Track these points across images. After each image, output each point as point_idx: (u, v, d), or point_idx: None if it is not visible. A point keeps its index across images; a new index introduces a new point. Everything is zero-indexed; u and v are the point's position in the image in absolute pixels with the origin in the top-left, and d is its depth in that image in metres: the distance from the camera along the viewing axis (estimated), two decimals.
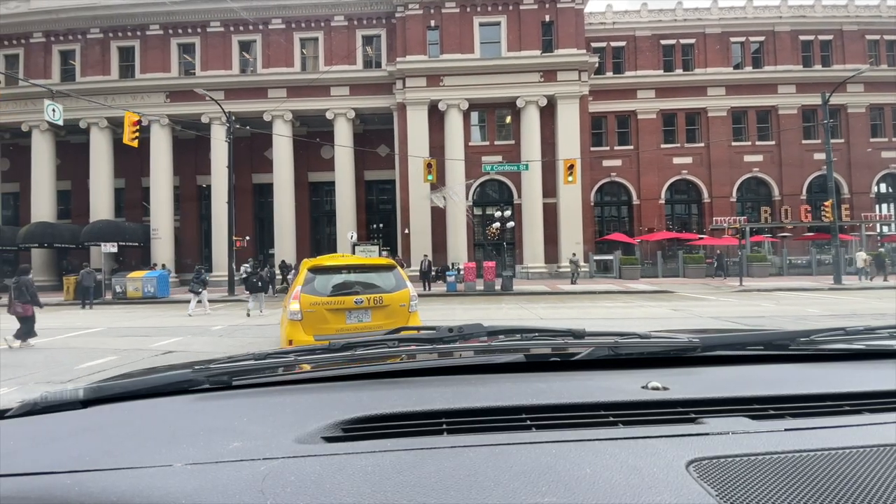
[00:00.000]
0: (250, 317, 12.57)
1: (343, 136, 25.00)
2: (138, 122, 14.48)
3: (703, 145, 27.25)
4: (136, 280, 19.11)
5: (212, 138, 24.63)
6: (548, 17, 24.51)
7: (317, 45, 25.84)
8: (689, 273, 24.27)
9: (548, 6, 24.52)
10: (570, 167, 18.49)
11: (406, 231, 24.38)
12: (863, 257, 20.92)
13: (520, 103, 24.25)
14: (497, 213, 24.61)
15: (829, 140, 19.56)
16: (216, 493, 0.54)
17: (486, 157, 24.29)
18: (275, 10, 25.42)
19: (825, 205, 19.88)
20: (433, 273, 20.98)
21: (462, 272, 19.45)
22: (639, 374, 0.94)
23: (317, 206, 29.22)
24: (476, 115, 25.38)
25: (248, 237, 24.68)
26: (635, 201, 27.44)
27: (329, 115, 25.17)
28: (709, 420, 0.72)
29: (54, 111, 12.10)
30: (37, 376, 6.05)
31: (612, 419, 0.73)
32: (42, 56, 26.12)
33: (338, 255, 7.55)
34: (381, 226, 29.28)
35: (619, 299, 15.21)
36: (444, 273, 20.08)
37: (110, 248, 20.33)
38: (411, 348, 1.20)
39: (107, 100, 23.75)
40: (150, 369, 1.19)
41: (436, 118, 24.63)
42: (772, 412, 0.76)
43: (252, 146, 27.00)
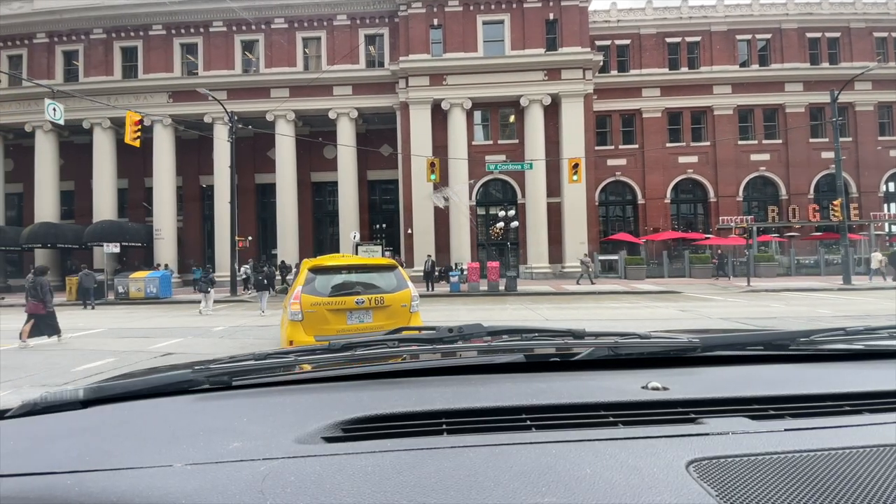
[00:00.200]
0: (264, 314, 12.78)
1: (346, 135, 24.89)
2: (140, 121, 14.41)
3: (708, 144, 26.97)
4: (138, 280, 19.06)
5: (214, 138, 24.58)
6: (551, 16, 24.32)
7: (319, 45, 25.76)
8: (695, 273, 24.02)
9: (552, 4, 24.32)
10: (575, 166, 18.31)
11: (409, 231, 24.24)
12: (878, 258, 20.49)
13: (523, 102, 24.06)
14: (501, 213, 24.45)
15: (837, 138, 19.28)
16: (216, 493, 0.55)
17: (489, 157, 24.10)
18: (277, 10, 25.36)
19: (834, 204, 19.58)
20: (436, 273, 20.81)
21: (465, 272, 19.27)
22: (639, 375, 0.94)
23: (319, 206, 29.14)
24: (479, 115, 25.21)
25: (250, 237, 24.63)
26: (640, 201, 27.18)
27: (332, 115, 25.08)
28: (709, 420, 0.72)
29: (55, 110, 12.02)
30: (33, 379, 5.93)
31: (612, 419, 0.73)
32: (45, 56, 26.15)
33: (338, 256, 7.50)
34: (384, 226, 29.16)
35: (625, 300, 15.00)
36: (448, 273, 19.89)
37: (113, 248, 20.29)
38: (411, 348, 1.19)
39: (110, 100, 23.73)
40: (151, 369, 1.18)
41: (439, 117, 24.48)
42: (772, 412, 0.76)
43: (255, 146, 26.95)
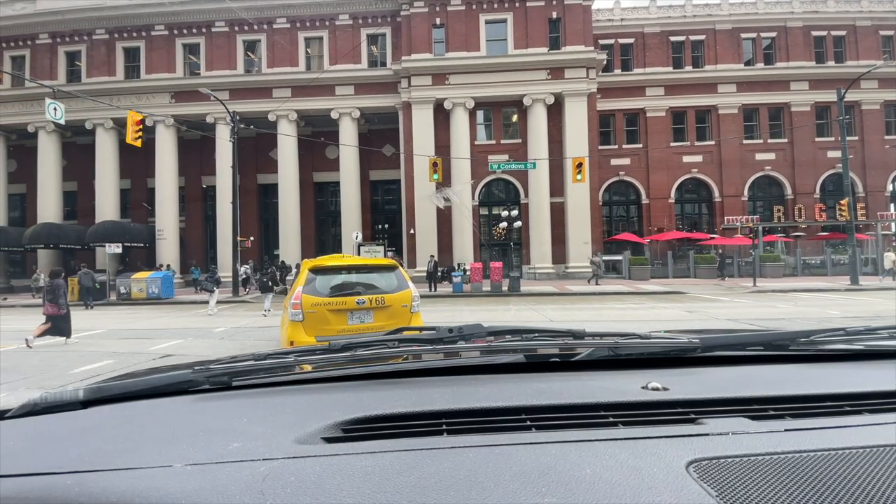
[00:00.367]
0: (267, 315, 12.71)
1: (348, 135, 24.80)
2: (141, 121, 14.34)
3: (713, 143, 26.77)
4: (140, 281, 18.99)
5: (217, 138, 24.53)
6: (555, 14, 24.17)
7: (321, 45, 25.68)
8: (699, 273, 23.81)
9: (555, 3, 24.16)
10: (579, 165, 18.16)
11: (411, 231, 24.12)
12: (892, 258, 20.22)
13: (526, 101, 23.91)
14: (504, 213, 24.30)
15: (844, 137, 19.06)
16: (216, 493, 0.54)
17: (492, 156, 23.94)
18: (279, 10, 25.30)
19: (841, 203, 19.34)
20: (439, 274, 20.67)
21: (468, 273, 19.12)
22: (639, 375, 0.93)
23: (322, 206, 29.06)
24: (482, 114, 25.08)
25: (252, 237, 24.54)
26: (644, 200, 27.00)
27: (334, 115, 24.99)
28: (709, 420, 0.71)
29: (55, 110, 11.95)
30: (29, 381, 5.83)
31: (612, 420, 0.72)
32: (48, 57, 26.16)
33: (337, 256, 7.44)
34: (386, 226, 29.04)
35: (630, 300, 14.84)
36: (450, 274, 19.75)
37: (115, 248, 20.25)
38: (412, 349, 1.19)
39: (112, 100, 23.69)
40: (152, 369, 1.18)
41: (441, 117, 24.36)
42: (772, 413, 0.75)
43: (257, 146, 26.89)
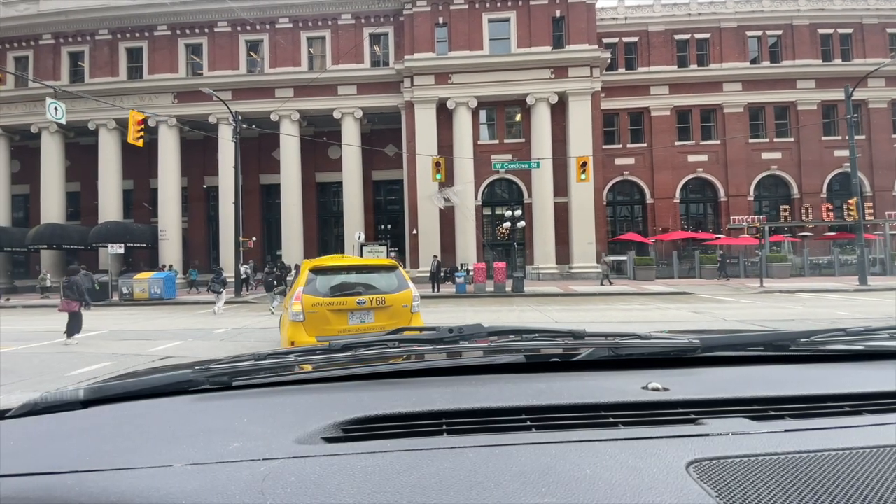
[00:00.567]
0: (273, 314, 12.73)
1: (350, 135, 24.70)
2: (143, 121, 14.27)
3: (718, 142, 26.52)
4: (142, 282, 18.92)
5: (219, 139, 24.48)
6: (558, 13, 24.01)
7: (324, 44, 25.60)
8: (705, 274, 23.58)
9: (558, 1, 23.99)
10: (583, 165, 17.99)
11: (414, 232, 23.99)
12: None
13: (530, 101, 23.75)
14: (507, 213, 24.07)
15: (852, 136, 18.79)
16: (216, 493, 0.55)
17: (495, 156, 23.79)
18: (282, 10, 25.24)
19: (849, 203, 19.09)
20: (442, 274, 20.52)
21: (472, 273, 18.97)
22: (639, 375, 0.92)
23: (324, 206, 28.97)
24: (485, 114, 24.93)
25: (254, 238, 24.48)
26: (649, 200, 26.78)
27: (336, 115, 24.90)
28: (709, 421, 0.71)
29: (56, 109, 11.89)
30: (25, 384, 5.72)
31: (612, 420, 0.72)
32: (51, 58, 26.18)
33: (337, 256, 7.41)
34: (388, 226, 28.93)
35: (636, 301, 14.66)
36: (453, 274, 19.60)
37: (117, 249, 20.20)
38: (412, 349, 1.18)
39: (115, 101, 23.65)
40: (153, 369, 1.18)
41: (444, 117, 24.23)
42: (772, 413, 0.75)
43: (259, 146, 26.84)
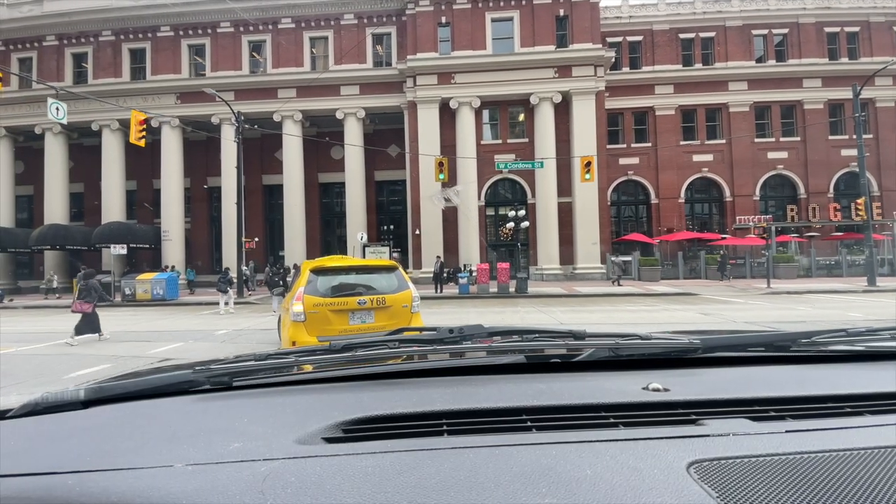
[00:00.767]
0: (276, 315, 12.61)
1: (353, 135, 24.62)
2: (145, 121, 14.22)
3: (724, 142, 26.29)
4: (144, 282, 18.87)
5: (222, 139, 24.45)
6: (562, 12, 23.86)
7: (326, 45, 25.54)
8: (710, 275, 23.35)
9: (562, 0, 23.86)
10: (588, 164, 17.82)
11: (417, 232, 23.88)
12: None
13: (533, 100, 23.61)
14: (510, 213, 23.92)
15: (860, 134, 18.56)
16: (216, 493, 0.55)
17: (498, 156, 23.66)
18: (284, 10, 25.19)
19: (858, 203, 18.84)
20: (445, 275, 20.38)
21: (475, 274, 18.83)
22: (640, 376, 0.92)
23: (327, 207, 28.90)
24: (488, 113, 24.79)
25: (257, 238, 24.42)
26: (654, 200, 26.56)
27: (339, 115, 24.82)
28: (710, 421, 0.71)
29: (58, 109, 11.84)
30: (21, 387, 5.62)
31: (612, 420, 0.72)
32: (55, 59, 26.23)
33: (336, 257, 7.36)
34: (391, 227, 28.83)
35: (641, 302, 14.48)
36: (457, 275, 19.45)
37: (119, 249, 20.18)
38: (412, 349, 1.17)
39: (118, 102, 23.64)
40: (154, 369, 1.17)
41: (447, 116, 24.11)
42: (773, 414, 0.75)
43: (262, 147, 26.80)
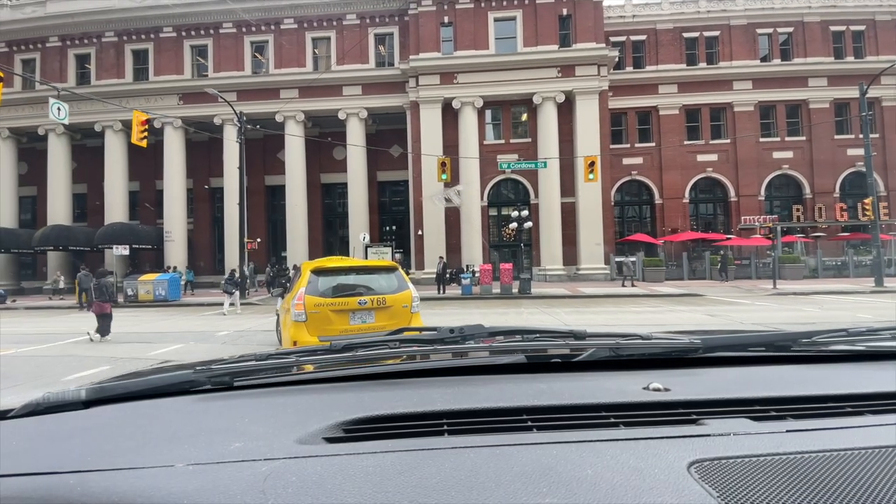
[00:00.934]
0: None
1: (355, 136, 24.55)
2: (147, 121, 14.19)
3: (728, 142, 26.12)
4: (147, 283, 18.83)
5: (224, 140, 24.43)
6: (565, 11, 23.75)
7: (329, 45, 25.50)
8: (715, 275, 23.14)
9: (565, 0, 23.76)
10: (591, 164, 17.70)
11: (419, 233, 23.78)
12: None
13: (536, 100, 23.50)
14: (513, 214, 23.80)
15: (867, 134, 18.38)
16: (217, 493, 0.55)
17: (501, 156, 23.55)
18: (287, 10, 25.17)
19: (865, 203, 18.64)
20: (447, 275, 20.27)
21: (478, 274, 18.71)
22: (640, 376, 0.92)
23: (329, 207, 28.85)
24: (490, 113, 24.69)
25: (259, 239, 24.37)
26: (658, 201, 26.41)
27: (341, 115, 24.77)
28: (710, 421, 0.71)
29: (59, 110, 11.81)
30: (18, 389, 5.53)
31: (613, 420, 0.72)
32: (58, 60, 26.28)
33: (335, 258, 7.36)
34: (393, 228, 28.75)
35: (646, 303, 14.34)
36: (459, 276, 19.34)
37: (122, 250, 20.17)
38: (412, 349, 1.16)
39: (121, 102, 23.60)
40: (155, 369, 1.16)
41: (449, 116, 24.02)
42: (773, 413, 0.75)
43: (264, 148, 26.78)
